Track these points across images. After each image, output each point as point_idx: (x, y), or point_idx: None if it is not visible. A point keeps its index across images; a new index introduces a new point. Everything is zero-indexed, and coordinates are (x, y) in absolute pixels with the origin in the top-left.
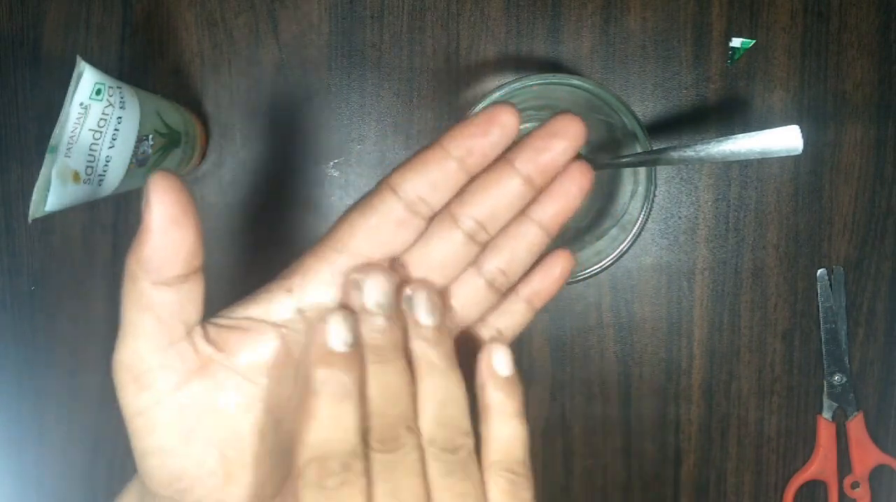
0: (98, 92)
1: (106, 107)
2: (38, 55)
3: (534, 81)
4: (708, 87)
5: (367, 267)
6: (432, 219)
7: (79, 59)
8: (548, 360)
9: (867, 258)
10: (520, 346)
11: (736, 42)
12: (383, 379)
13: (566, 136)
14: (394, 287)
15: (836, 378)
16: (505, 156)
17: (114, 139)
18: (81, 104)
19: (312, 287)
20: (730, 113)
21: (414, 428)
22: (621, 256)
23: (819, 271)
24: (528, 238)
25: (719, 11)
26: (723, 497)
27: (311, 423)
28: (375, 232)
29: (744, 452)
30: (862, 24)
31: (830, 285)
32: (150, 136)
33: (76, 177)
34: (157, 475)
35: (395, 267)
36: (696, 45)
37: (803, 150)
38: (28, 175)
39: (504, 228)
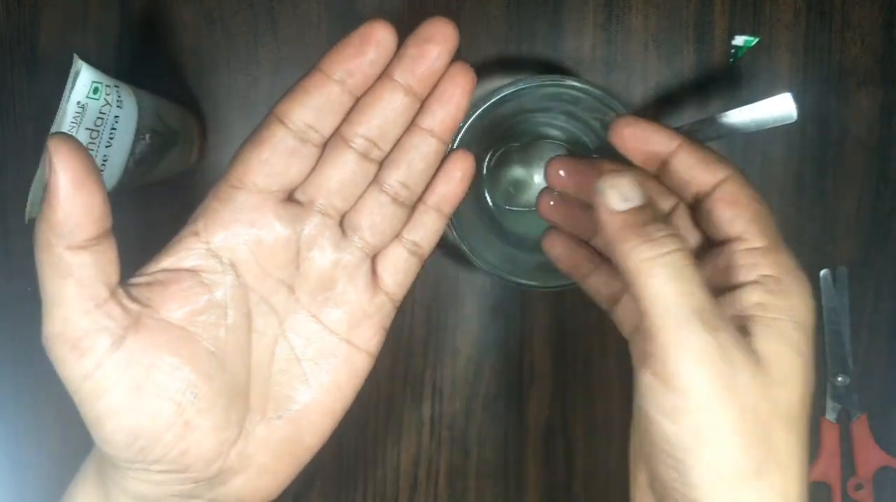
0: (95, 91)
1: (103, 106)
2: (35, 54)
3: (527, 84)
4: (710, 85)
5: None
6: (325, 145)
7: (76, 57)
8: (548, 361)
9: (871, 259)
10: (520, 347)
11: (738, 40)
12: None
13: (438, 41)
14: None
15: (840, 379)
16: (384, 71)
17: (111, 138)
18: (78, 103)
19: (217, 226)
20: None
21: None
22: None
23: (822, 272)
24: (422, 148)
25: (722, 9)
26: None
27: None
28: (268, 164)
29: None
30: (865, 23)
31: (834, 286)
32: (148, 135)
33: None
34: (114, 439)
35: (293, 198)
36: (698, 44)
37: (807, 150)
38: (25, 174)
39: (398, 142)
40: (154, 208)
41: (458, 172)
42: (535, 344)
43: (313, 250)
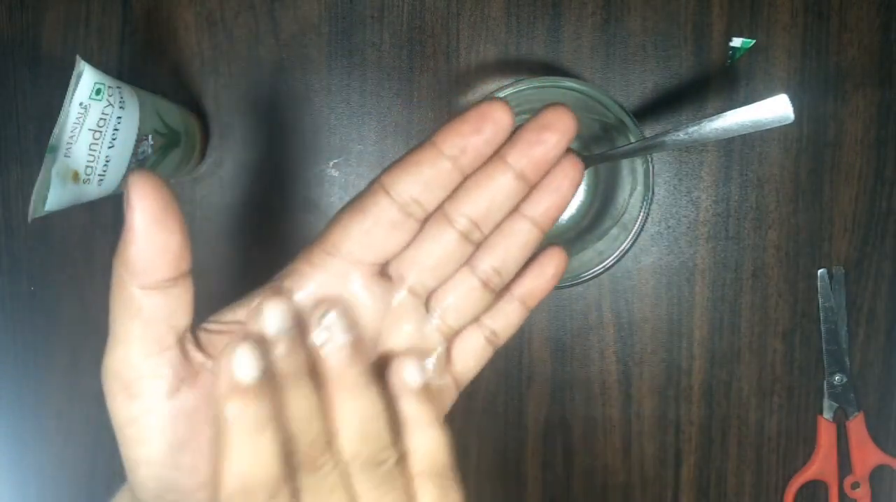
0: (98, 92)
1: (105, 107)
2: (38, 55)
3: (527, 85)
4: (708, 86)
5: (268, 292)
6: (426, 220)
7: (78, 58)
8: (548, 360)
9: (867, 258)
10: (520, 346)
11: (736, 42)
12: (295, 404)
13: (557, 129)
14: (292, 311)
15: (837, 378)
16: (496, 152)
17: (113, 139)
18: (81, 104)
19: (303, 292)
20: None
21: (333, 446)
22: (623, 255)
23: (819, 271)
24: (521, 236)
25: (719, 11)
26: (723, 497)
27: (229, 457)
28: (368, 235)
29: (744, 452)
30: (862, 24)
31: (831, 285)
32: (150, 136)
33: (76, 176)
34: (147, 486)
35: (385, 271)
36: (696, 45)
37: (804, 151)
38: (28, 175)
39: (497, 226)
40: None
41: (552, 269)
42: (534, 343)
43: (394, 328)
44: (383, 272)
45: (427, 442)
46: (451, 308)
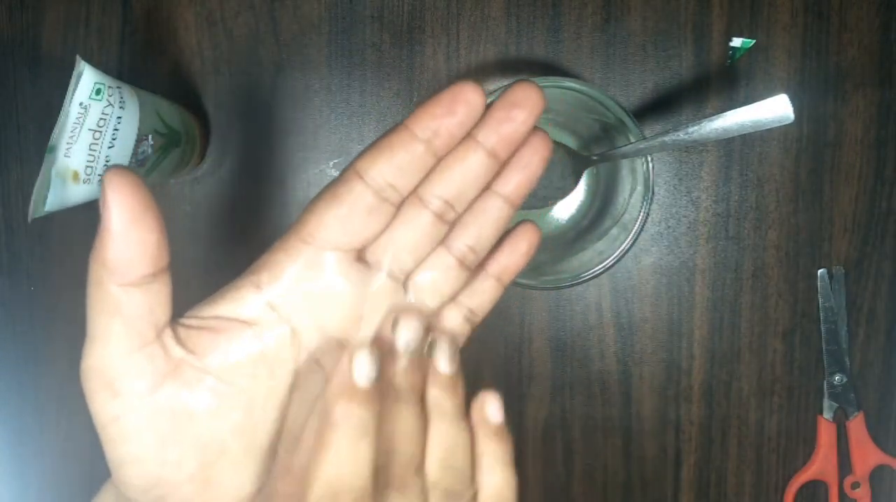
0: (98, 92)
1: (105, 107)
2: (38, 55)
3: None
4: (708, 87)
5: (406, 308)
6: (401, 204)
7: (78, 58)
8: (548, 360)
9: (868, 258)
10: (520, 346)
11: (736, 42)
12: (400, 420)
13: (526, 106)
14: (424, 332)
15: (837, 378)
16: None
17: (113, 139)
18: (81, 104)
19: (281, 281)
20: None
21: (422, 470)
22: (623, 255)
23: (819, 271)
24: (494, 213)
25: (719, 11)
26: (723, 497)
27: (326, 457)
28: (344, 221)
29: (744, 452)
30: (862, 24)
31: (831, 285)
32: (150, 136)
33: (76, 176)
34: (133, 483)
35: (363, 256)
36: (696, 45)
37: (804, 151)
38: (28, 175)
39: (470, 204)
40: None
41: (525, 245)
42: (534, 343)
43: (375, 313)
44: (360, 257)
45: (498, 482)
46: (430, 287)
